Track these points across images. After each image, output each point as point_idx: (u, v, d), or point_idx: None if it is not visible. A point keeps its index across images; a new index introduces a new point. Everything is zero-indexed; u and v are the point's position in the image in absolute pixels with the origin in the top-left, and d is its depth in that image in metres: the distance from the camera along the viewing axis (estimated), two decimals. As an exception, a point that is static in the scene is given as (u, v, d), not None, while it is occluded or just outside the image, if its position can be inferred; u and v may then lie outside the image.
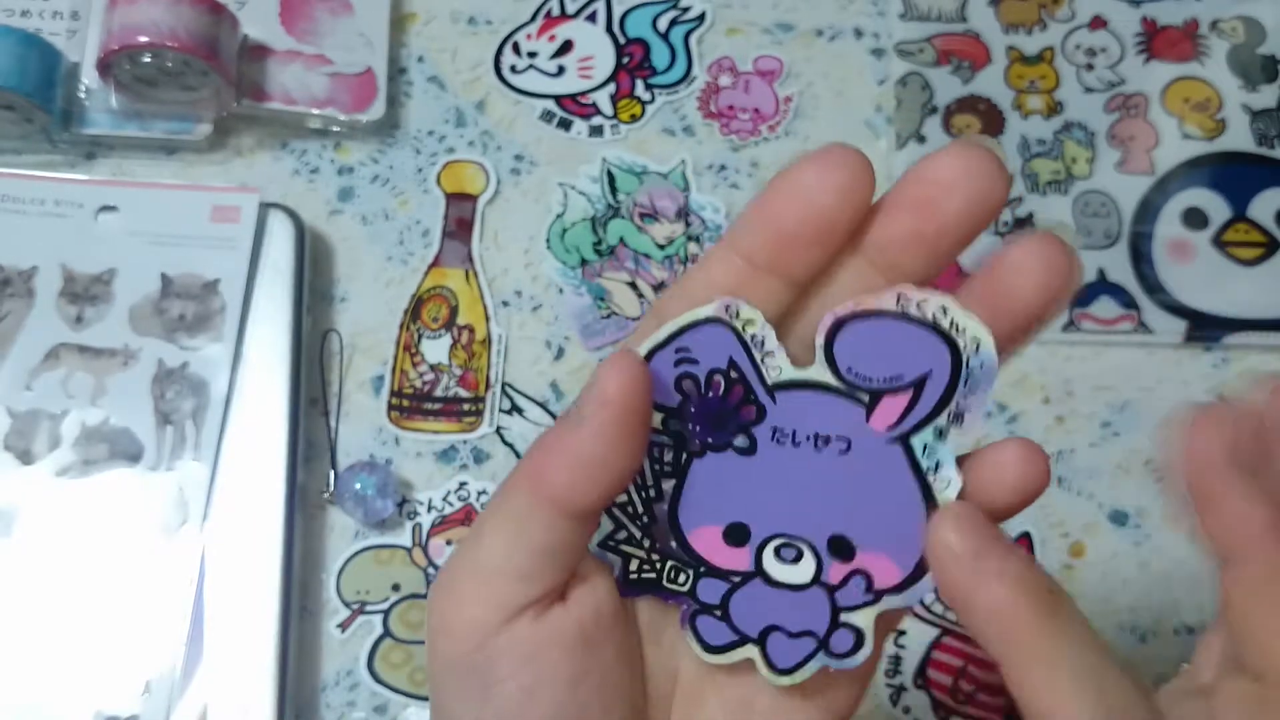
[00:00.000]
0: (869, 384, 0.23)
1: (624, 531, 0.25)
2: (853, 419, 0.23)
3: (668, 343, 0.24)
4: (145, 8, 0.52)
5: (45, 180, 0.54)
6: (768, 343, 0.23)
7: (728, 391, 0.24)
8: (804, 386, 0.23)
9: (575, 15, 0.62)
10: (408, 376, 0.55)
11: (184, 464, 0.50)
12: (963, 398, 0.23)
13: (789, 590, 0.25)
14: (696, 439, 0.24)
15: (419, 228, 0.58)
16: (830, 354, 0.23)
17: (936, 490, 0.23)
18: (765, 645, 0.25)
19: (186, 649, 0.47)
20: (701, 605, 0.25)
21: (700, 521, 0.25)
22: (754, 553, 0.25)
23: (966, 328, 0.23)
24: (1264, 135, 0.60)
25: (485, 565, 0.24)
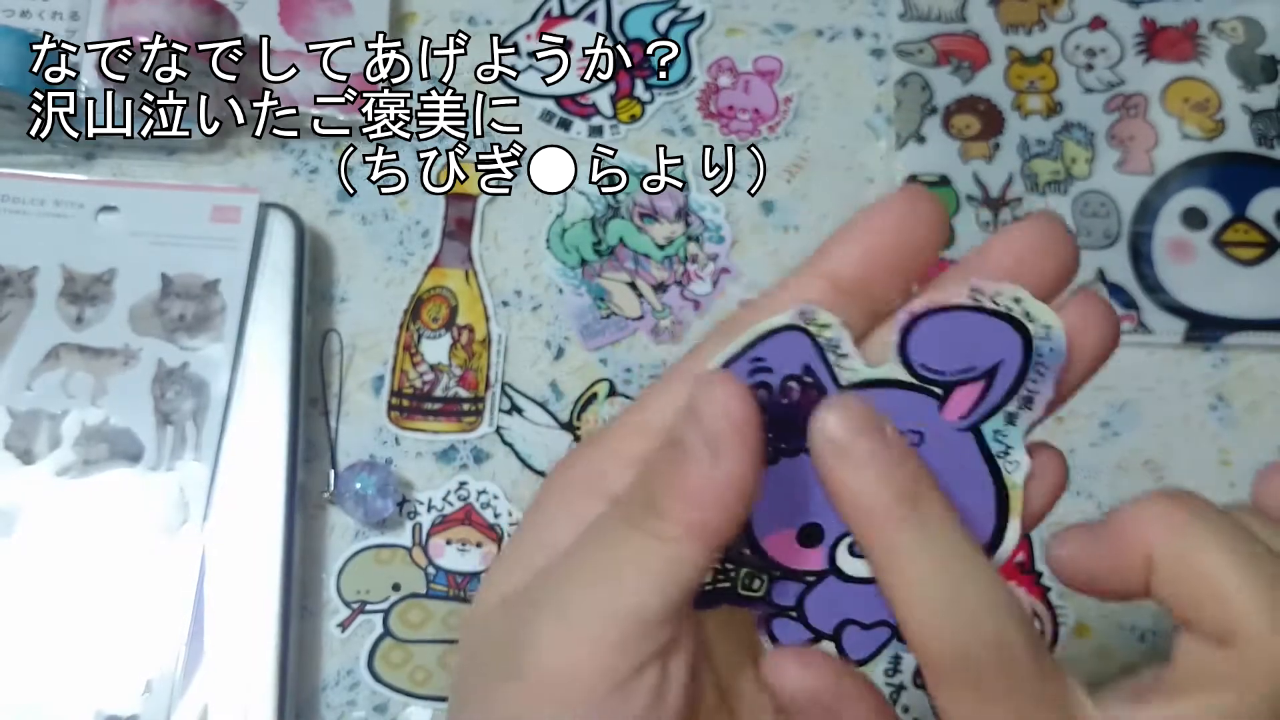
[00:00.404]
0: (942, 377, 0.24)
1: None
2: (926, 412, 0.24)
3: (742, 354, 0.24)
4: (145, 8, 0.52)
5: (45, 180, 0.54)
6: (843, 345, 0.24)
7: (802, 397, 0.24)
8: (878, 385, 0.24)
9: (575, 15, 0.62)
10: (408, 376, 0.55)
11: (184, 464, 0.50)
12: (1032, 383, 0.23)
13: (862, 584, 0.25)
14: (771, 446, 0.24)
15: (419, 228, 0.58)
16: (904, 350, 0.24)
17: (1005, 473, 0.24)
18: (840, 639, 0.25)
19: (187, 648, 0.48)
20: (777, 608, 0.25)
21: (774, 527, 0.25)
22: (828, 551, 0.25)
23: (1038, 316, 0.23)
24: (1263, 135, 0.60)
25: (625, 610, 0.23)
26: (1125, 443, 0.56)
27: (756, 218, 0.59)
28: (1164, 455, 0.56)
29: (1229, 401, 0.57)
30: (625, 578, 0.23)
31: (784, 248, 0.59)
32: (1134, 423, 0.56)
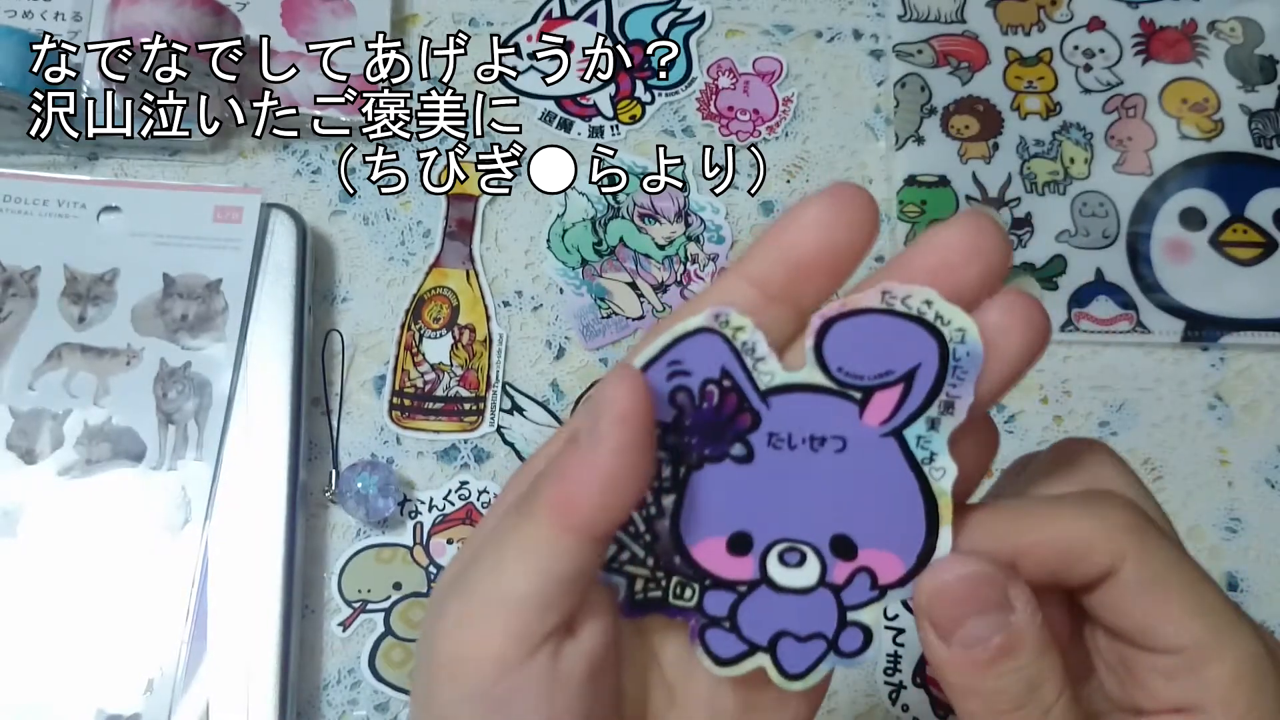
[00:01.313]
0: (860, 381, 0.23)
1: (627, 552, 0.25)
2: (847, 418, 0.24)
3: (659, 357, 0.24)
4: (148, 9, 0.52)
5: (48, 181, 0.55)
6: (759, 349, 0.23)
7: (722, 401, 0.24)
8: (797, 389, 0.24)
9: (575, 16, 0.62)
10: (409, 376, 0.55)
11: (186, 463, 0.50)
12: (952, 387, 0.23)
13: (795, 594, 0.25)
14: (694, 452, 0.24)
15: (420, 228, 0.58)
16: (820, 354, 0.23)
17: (932, 480, 0.24)
18: (775, 652, 0.25)
19: (189, 647, 0.48)
20: (709, 619, 0.25)
21: (702, 534, 0.24)
22: (758, 560, 0.25)
23: (951, 319, 0.23)
24: (1261, 136, 0.60)
25: (509, 595, 0.23)
26: (1123, 442, 0.56)
27: (756, 218, 0.59)
28: (1162, 455, 0.56)
29: (1227, 401, 0.57)
30: (507, 564, 0.23)
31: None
32: (1132, 422, 0.57)
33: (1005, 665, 0.23)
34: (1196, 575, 0.24)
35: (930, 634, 0.24)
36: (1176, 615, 0.23)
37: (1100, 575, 0.24)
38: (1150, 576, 0.23)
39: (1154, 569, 0.23)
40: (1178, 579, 0.24)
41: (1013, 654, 0.23)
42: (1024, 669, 0.23)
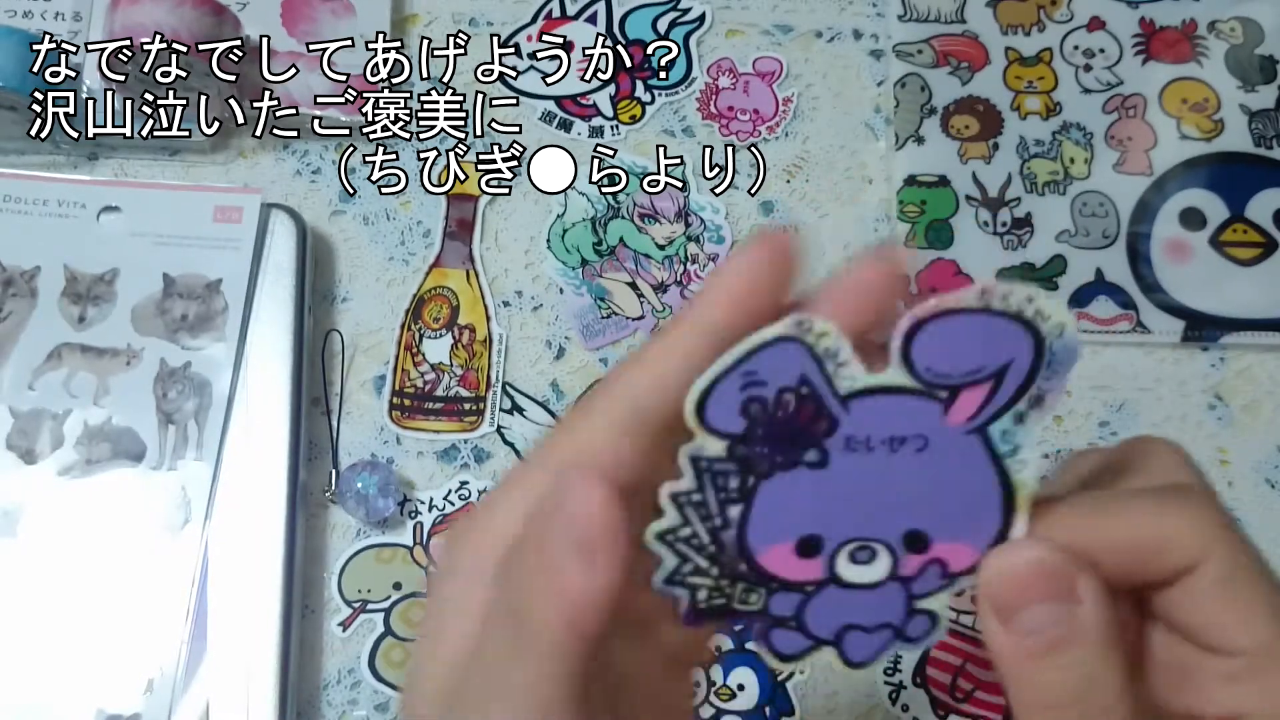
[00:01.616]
0: (948, 380, 0.23)
1: (690, 565, 0.24)
2: (930, 417, 0.23)
3: (734, 368, 0.23)
4: (148, 9, 0.52)
5: (48, 181, 0.55)
6: (842, 354, 0.23)
7: (798, 409, 0.23)
8: (879, 392, 0.23)
9: (575, 16, 0.62)
10: (409, 376, 0.55)
11: (186, 463, 0.50)
12: (1044, 380, 0.23)
13: (863, 590, 0.24)
14: (765, 461, 0.23)
15: (420, 228, 0.58)
16: (908, 355, 0.23)
17: (1013, 472, 0.23)
18: (841, 644, 0.25)
19: (189, 647, 0.48)
20: (775, 620, 0.25)
21: (771, 541, 0.24)
22: (828, 561, 0.24)
23: (1051, 314, 0.22)
24: (1262, 136, 0.60)
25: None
26: (1123, 442, 0.56)
27: (756, 218, 0.59)
28: (1162, 454, 0.56)
29: (1227, 401, 0.57)
30: (516, 701, 0.23)
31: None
32: (1132, 422, 0.57)
33: (1062, 657, 0.23)
34: (1270, 575, 0.24)
35: (990, 618, 0.23)
36: (1248, 617, 0.23)
37: (1179, 571, 0.23)
38: (1229, 575, 0.23)
39: (1234, 567, 0.23)
40: (1255, 580, 0.23)
41: (1074, 646, 0.23)
42: (1083, 664, 0.23)
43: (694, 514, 0.24)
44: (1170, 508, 0.24)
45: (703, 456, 0.23)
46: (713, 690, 0.51)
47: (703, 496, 0.23)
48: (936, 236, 0.58)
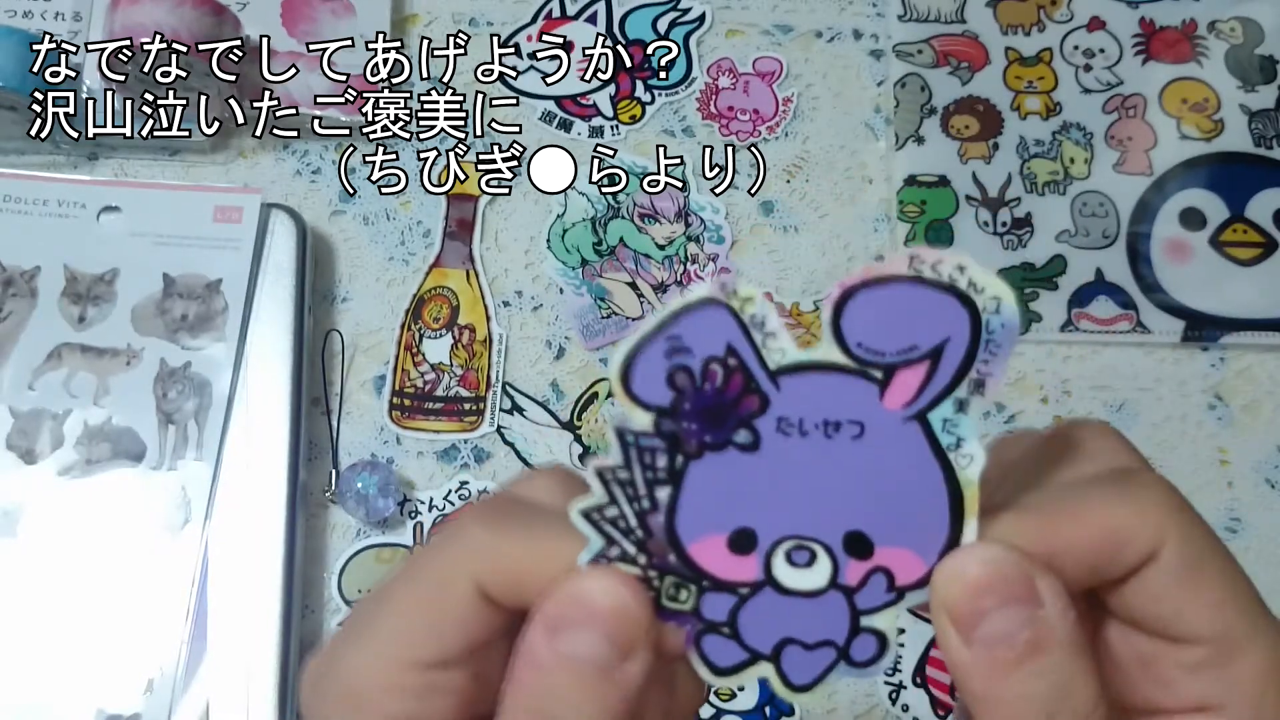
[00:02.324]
0: (882, 358, 0.21)
1: (616, 549, 0.22)
2: (866, 400, 0.21)
3: (658, 332, 0.21)
4: (148, 9, 0.52)
5: (48, 181, 0.55)
6: (769, 323, 0.21)
7: (726, 382, 0.21)
8: (811, 369, 0.21)
9: (575, 16, 0.62)
10: (409, 376, 0.55)
11: (186, 463, 0.50)
12: (983, 363, 0.21)
13: (803, 598, 0.23)
14: (693, 439, 0.22)
15: (420, 228, 0.58)
16: (838, 328, 0.21)
17: (958, 468, 0.22)
18: (780, 662, 0.23)
19: (189, 647, 0.48)
20: (707, 624, 0.23)
21: (702, 531, 0.22)
22: (763, 560, 0.22)
23: (986, 286, 0.21)
24: (1262, 136, 0.60)
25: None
26: (1123, 442, 0.56)
27: (756, 218, 0.59)
28: (1162, 455, 0.56)
29: (1227, 401, 0.57)
30: None
31: (783, 248, 0.59)
32: (1132, 422, 0.57)
33: (1033, 666, 0.21)
34: (1230, 560, 0.23)
35: (949, 632, 0.22)
36: (1212, 601, 0.22)
37: (1139, 563, 0.22)
38: (1189, 559, 0.22)
39: (1193, 551, 0.22)
40: (1215, 563, 0.22)
41: (1043, 653, 0.21)
42: (1055, 672, 0.21)
43: (621, 493, 0.22)
44: (1123, 496, 0.22)
45: (629, 430, 0.22)
46: (712, 690, 0.51)
47: (630, 474, 0.22)
48: (936, 236, 0.58)
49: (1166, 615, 0.22)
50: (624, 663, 0.21)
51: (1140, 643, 0.23)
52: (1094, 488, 0.23)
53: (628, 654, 0.22)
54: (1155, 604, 0.22)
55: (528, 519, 0.23)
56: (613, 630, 0.21)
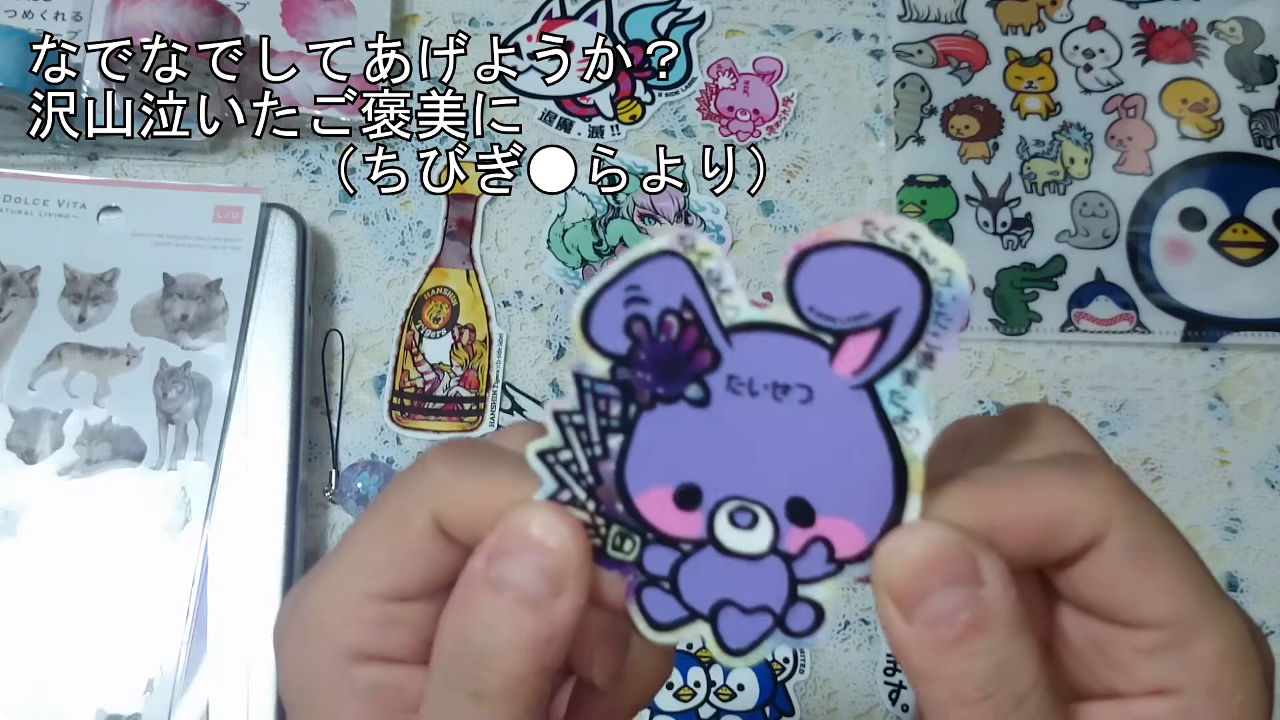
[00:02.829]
0: (833, 324, 0.21)
1: (567, 492, 0.23)
2: (816, 364, 0.21)
3: (617, 279, 0.21)
4: (148, 9, 0.52)
5: (48, 181, 0.55)
6: (725, 279, 0.21)
7: (681, 335, 0.22)
8: (763, 328, 0.22)
9: (575, 16, 0.62)
10: (409, 376, 0.55)
11: (186, 463, 0.50)
12: (933, 336, 0.21)
13: (743, 560, 0.23)
14: (646, 389, 0.22)
15: (420, 228, 0.58)
16: (792, 290, 0.21)
17: (904, 442, 0.21)
18: (716, 623, 0.23)
19: (189, 647, 0.48)
20: (648, 577, 0.23)
21: (649, 482, 0.23)
22: (706, 518, 0.23)
23: (938, 257, 0.21)
24: (1262, 136, 0.60)
25: None
26: (1123, 442, 0.56)
27: (756, 218, 0.59)
28: (1162, 455, 0.56)
29: (1227, 401, 0.57)
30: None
31: (783, 248, 0.58)
32: (1132, 422, 0.57)
33: (973, 646, 0.21)
34: (1183, 543, 0.22)
35: (890, 609, 0.22)
36: (1165, 585, 0.22)
37: (1084, 545, 0.22)
38: (1139, 543, 0.22)
39: (1143, 535, 0.22)
40: (1166, 546, 0.22)
41: (982, 632, 0.21)
42: (994, 651, 0.21)
43: (574, 437, 0.22)
44: (1069, 478, 0.22)
45: (586, 375, 0.22)
46: (713, 690, 0.51)
47: (584, 419, 0.22)
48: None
49: (1119, 600, 0.22)
50: (554, 598, 0.22)
51: (1095, 628, 0.23)
52: (1040, 466, 0.23)
53: (558, 589, 0.22)
54: (1106, 589, 0.22)
55: (487, 460, 0.24)
56: (545, 562, 0.22)
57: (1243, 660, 0.22)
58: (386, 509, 0.24)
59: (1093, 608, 0.23)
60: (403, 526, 0.23)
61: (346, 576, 0.23)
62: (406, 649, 0.23)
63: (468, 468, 0.23)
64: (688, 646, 0.52)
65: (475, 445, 0.24)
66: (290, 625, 0.24)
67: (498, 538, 0.22)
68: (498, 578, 0.22)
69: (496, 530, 0.22)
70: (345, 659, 0.23)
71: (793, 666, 0.52)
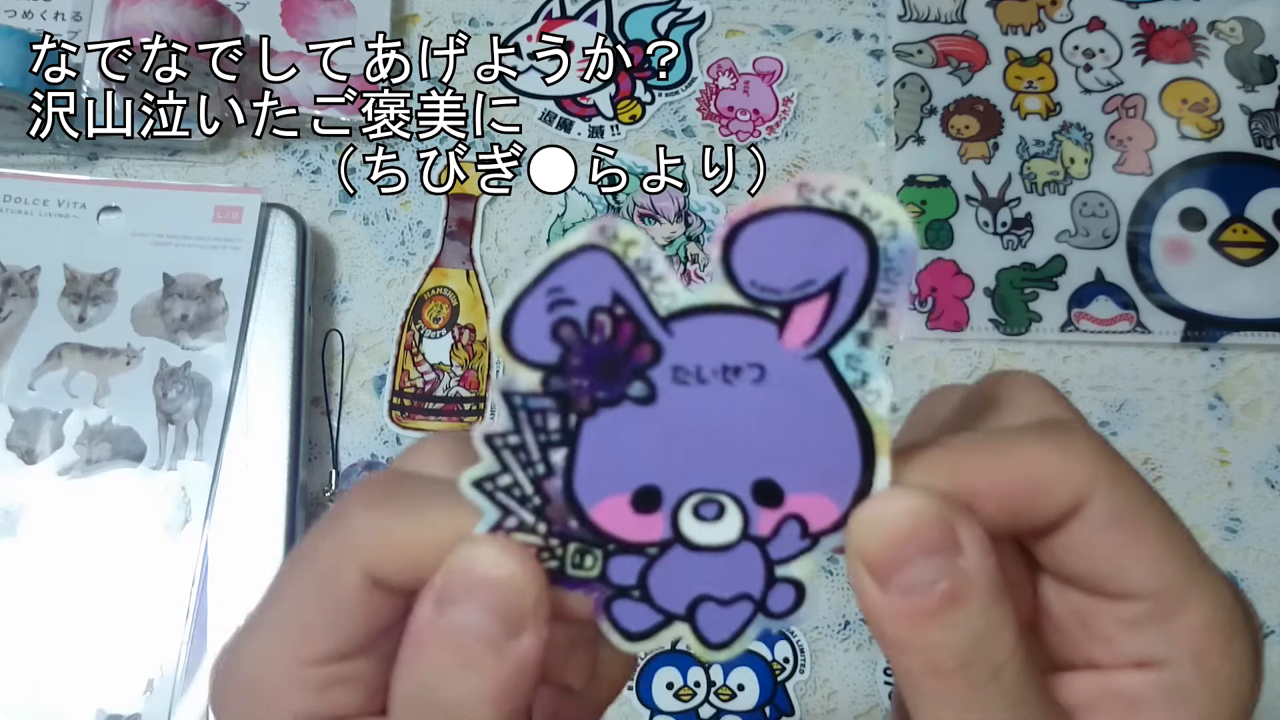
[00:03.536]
0: (777, 296, 0.20)
1: (513, 518, 0.21)
2: (764, 340, 0.20)
3: (536, 284, 0.20)
4: (148, 9, 0.52)
5: (48, 181, 0.55)
6: (655, 266, 0.20)
7: (615, 332, 0.20)
8: (704, 311, 0.20)
9: (575, 16, 0.62)
10: (409, 376, 0.55)
11: (186, 463, 0.50)
12: (884, 293, 0.20)
13: (714, 552, 0.22)
14: (585, 395, 0.21)
15: (420, 228, 0.58)
16: (729, 266, 0.20)
17: (865, 405, 0.21)
18: (695, 620, 0.22)
19: (189, 648, 0.48)
20: (616, 589, 0.22)
21: (602, 492, 0.21)
22: (669, 517, 0.21)
23: (881, 211, 0.20)
24: (1261, 136, 0.60)
25: None
26: (1123, 442, 0.56)
27: (756, 218, 0.59)
28: (1162, 454, 0.56)
29: (1227, 401, 0.57)
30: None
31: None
32: (1132, 422, 0.57)
33: (951, 616, 0.20)
34: (1166, 510, 0.21)
35: (864, 578, 0.21)
36: (1148, 554, 0.21)
37: (1064, 513, 0.21)
38: (1121, 510, 0.21)
39: (1125, 502, 0.21)
40: (1150, 514, 0.21)
41: (960, 603, 0.20)
42: (971, 621, 0.20)
43: (513, 459, 0.21)
44: (1048, 442, 0.21)
45: (515, 391, 0.21)
46: (713, 690, 0.51)
47: (520, 439, 0.21)
48: (936, 236, 0.58)
49: (1101, 570, 0.21)
50: (514, 638, 0.20)
51: (1077, 600, 0.22)
52: (1018, 432, 0.22)
53: (518, 628, 0.20)
54: (1088, 558, 0.21)
55: (415, 496, 0.22)
56: (498, 603, 0.20)
57: (1230, 630, 0.21)
58: (312, 565, 0.22)
59: (1075, 579, 0.22)
60: (332, 585, 0.21)
61: (280, 641, 0.22)
62: (355, 705, 0.22)
63: (394, 509, 0.22)
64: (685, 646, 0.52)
65: (397, 480, 0.23)
66: (229, 692, 0.23)
67: (443, 582, 0.20)
68: (448, 625, 0.20)
69: (440, 574, 0.21)
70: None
71: (793, 666, 0.52)
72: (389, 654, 0.22)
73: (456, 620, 0.20)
